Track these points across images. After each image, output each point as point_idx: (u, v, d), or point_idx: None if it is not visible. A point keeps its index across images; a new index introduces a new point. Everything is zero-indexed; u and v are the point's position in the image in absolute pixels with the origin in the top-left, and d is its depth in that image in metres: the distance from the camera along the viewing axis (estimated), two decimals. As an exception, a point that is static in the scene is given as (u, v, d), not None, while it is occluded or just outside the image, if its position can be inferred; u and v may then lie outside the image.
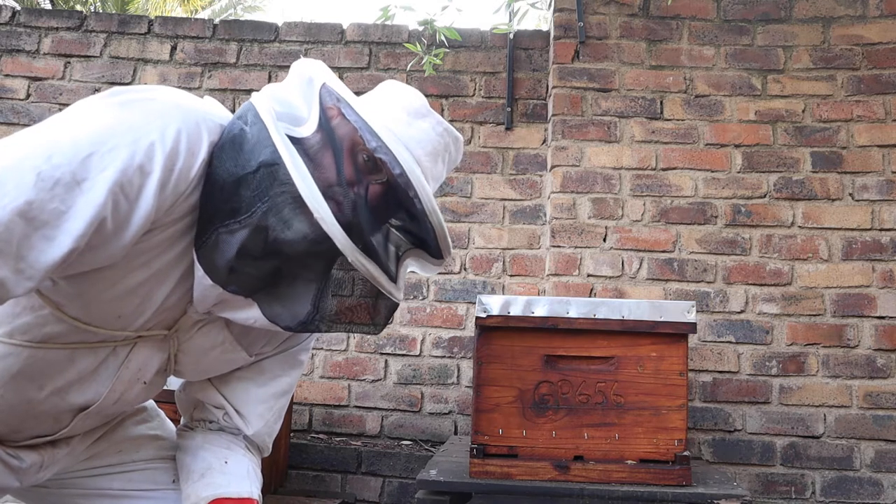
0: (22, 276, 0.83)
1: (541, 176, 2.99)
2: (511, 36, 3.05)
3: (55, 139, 0.86)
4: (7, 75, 3.17)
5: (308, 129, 0.96)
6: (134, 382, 1.09)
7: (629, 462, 1.93)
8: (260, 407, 1.20)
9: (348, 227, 0.92)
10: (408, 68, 3.04)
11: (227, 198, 0.92)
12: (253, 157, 0.92)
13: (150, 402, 1.30)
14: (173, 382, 1.24)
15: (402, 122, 1.00)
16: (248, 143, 0.93)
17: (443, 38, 2.94)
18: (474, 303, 2.75)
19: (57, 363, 1.01)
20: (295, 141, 0.94)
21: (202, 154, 0.92)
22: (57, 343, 0.99)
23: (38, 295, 0.96)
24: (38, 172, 0.82)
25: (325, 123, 0.97)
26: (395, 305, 1.05)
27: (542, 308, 1.97)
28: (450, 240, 1.04)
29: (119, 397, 1.09)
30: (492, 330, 1.97)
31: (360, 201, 0.96)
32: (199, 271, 0.96)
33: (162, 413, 1.33)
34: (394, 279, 1.02)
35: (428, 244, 1.04)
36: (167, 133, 0.89)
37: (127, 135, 0.87)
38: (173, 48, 3.19)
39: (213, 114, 0.96)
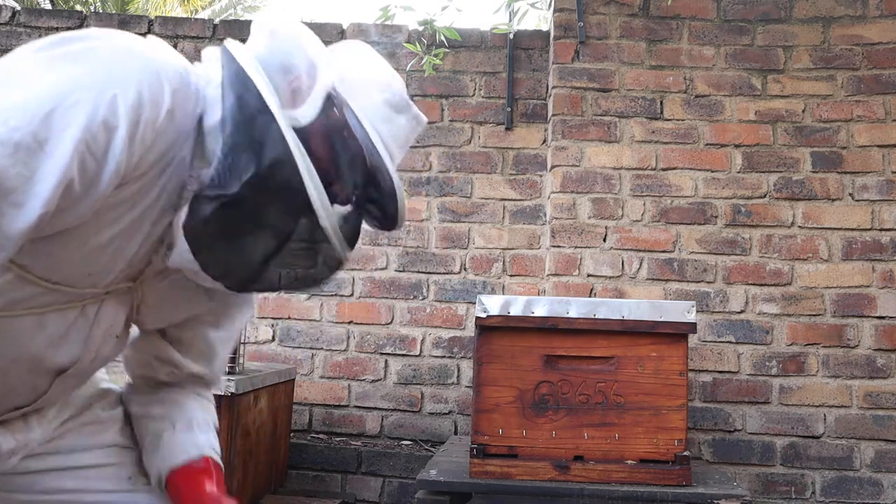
0: None
1: (541, 176, 2.99)
2: (511, 36, 3.05)
3: (6, 101, 0.81)
4: (7, 75, 3.17)
5: (306, 115, 0.95)
6: (108, 338, 1.08)
7: (629, 462, 1.93)
8: (218, 348, 1.22)
9: (336, 224, 0.94)
10: (408, 68, 3.04)
11: (225, 177, 0.90)
12: (257, 146, 0.90)
13: (117, 388, 1.28)
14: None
15: (384, 118, 1.01)
16: (251, 129, 0.90)
17: (443, 38, 2.94)
18: (474, 303, 2.74)
19: (26, 330, 0.98)
20: (297, 132, 0.92)
21: (165, 104, 0.89)
22: (24, 308, 0.97)
23: None
24: None
25: (324, 116, 0.96)
26: (342, 263, 1.06)
27: (542, 308, 1.97)
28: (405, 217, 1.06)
29: (95, 355, 1.08)
30: (492, 330, 1.97)
31: (348, 198, 0.97)
32: (182, 245, 0.94)
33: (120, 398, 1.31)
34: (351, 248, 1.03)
35: (380, 222, 1.06)
36: (128, 84, 0.85)
37: (86, 89, 0.83)
38: (173, 48, 3.18)
39: (168, 62, 0.93)
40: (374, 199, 1.02)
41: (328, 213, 0.92)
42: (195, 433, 1.18)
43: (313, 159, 0.93)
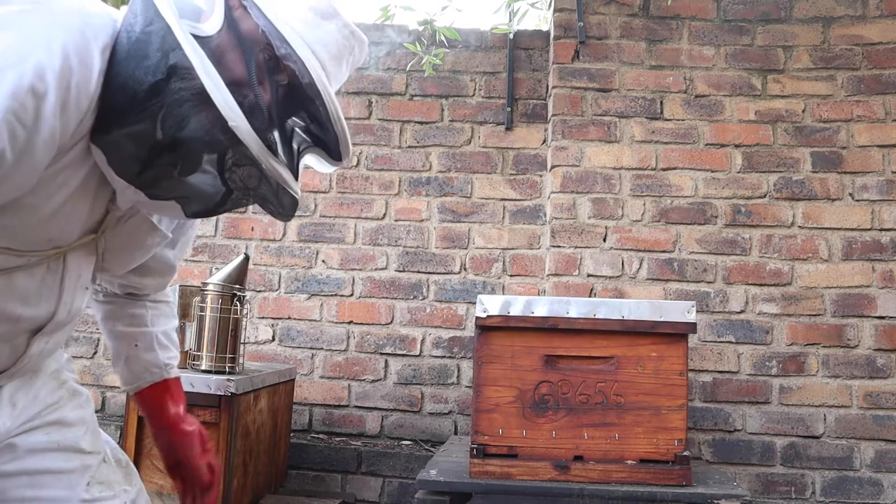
0: None
1: (541, 176, 2.99)
2: (511, 36, 3.05)
3: None
4: (7, 75, 3.17)
5: (212, 26, 0.91)
6: (80, 290, 1.08)
7: (629, 462, 1.93)
8: (175, 262, 1.30)
9: (259, 132, 0.90)
10: (408, 68, 3.04)
11: (134, 108, 0.87)
12: (160, 62, 0.87)
13: (86, 391, 1.28)
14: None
15: (309, 23, 0.96)
16: (152, 47, 0.87)
17: (443, 38, 2.94)
18: (474, 303, 2.74)
19: None
20: (200, 40, 0.88)
21: (96, 64, 0.86)
22: None
23: None
24: None
25: (229, 21, 0.92)
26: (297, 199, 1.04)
27: (542, 308, 1.97)
28: (351, 143, 1.01)
29: (70, 308, 1.08)
30: (492, 330, 1.97)
31: (269, 106, 0.94)
32: (119, 183, 0.94)
33: (91, 400, 1.32)
34: (296, 176, 1.00)
35: (328, 146, 1.02)
36: (52, 48, 0.82)
37: (6, 56, 0.79)
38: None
39: (92, 15, 0.89)
40: (304, 110, 0.99)
41: (234, 112, 0.87)
42: (156, 352, 1.32)
43: (227, 71, 0.90)
